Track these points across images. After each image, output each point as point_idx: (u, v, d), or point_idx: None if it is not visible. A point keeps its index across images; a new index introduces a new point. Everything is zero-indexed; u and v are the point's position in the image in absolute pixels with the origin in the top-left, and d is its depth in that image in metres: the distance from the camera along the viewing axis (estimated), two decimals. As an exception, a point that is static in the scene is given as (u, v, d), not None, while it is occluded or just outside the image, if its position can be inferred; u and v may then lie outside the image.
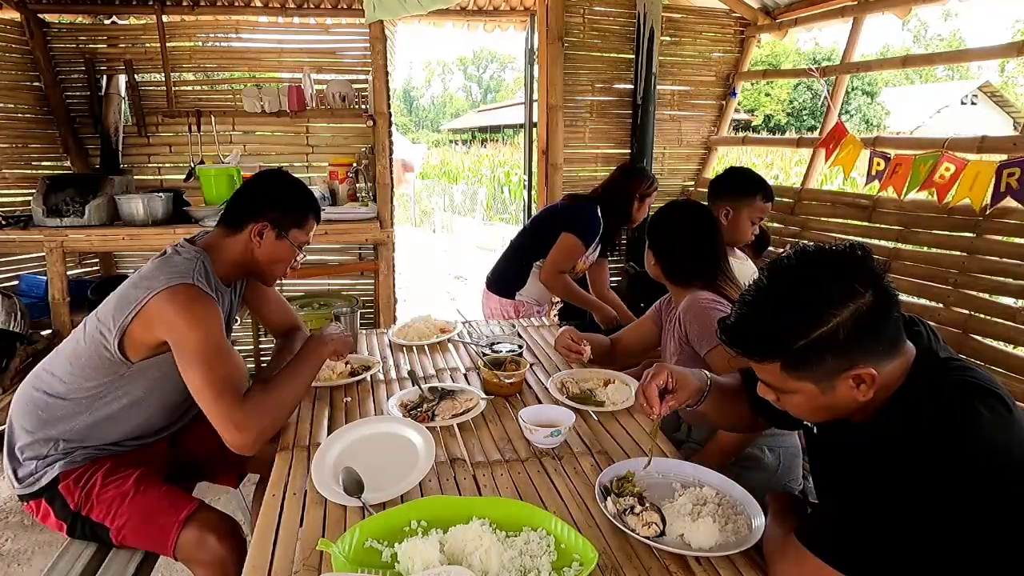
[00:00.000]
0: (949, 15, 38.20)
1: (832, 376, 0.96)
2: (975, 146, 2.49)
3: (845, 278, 0.94)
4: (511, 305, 2.96)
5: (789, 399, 1.03)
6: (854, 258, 0.96)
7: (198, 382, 1.39)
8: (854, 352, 0.94)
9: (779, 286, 0.99)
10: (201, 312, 1.40)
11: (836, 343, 0.93)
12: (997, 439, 0.90)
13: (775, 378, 1.01)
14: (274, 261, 1.61)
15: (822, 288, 0.94)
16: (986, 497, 0.88)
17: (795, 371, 0.97)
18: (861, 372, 0.95)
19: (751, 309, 1.01)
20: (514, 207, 11.87)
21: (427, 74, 54.29)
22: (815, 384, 0.98)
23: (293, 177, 1.70)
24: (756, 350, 1.01)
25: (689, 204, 2.00)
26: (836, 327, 0.92)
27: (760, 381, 1.07)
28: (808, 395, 0.99)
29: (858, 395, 0.97)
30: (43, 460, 1.47)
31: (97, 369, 1.46)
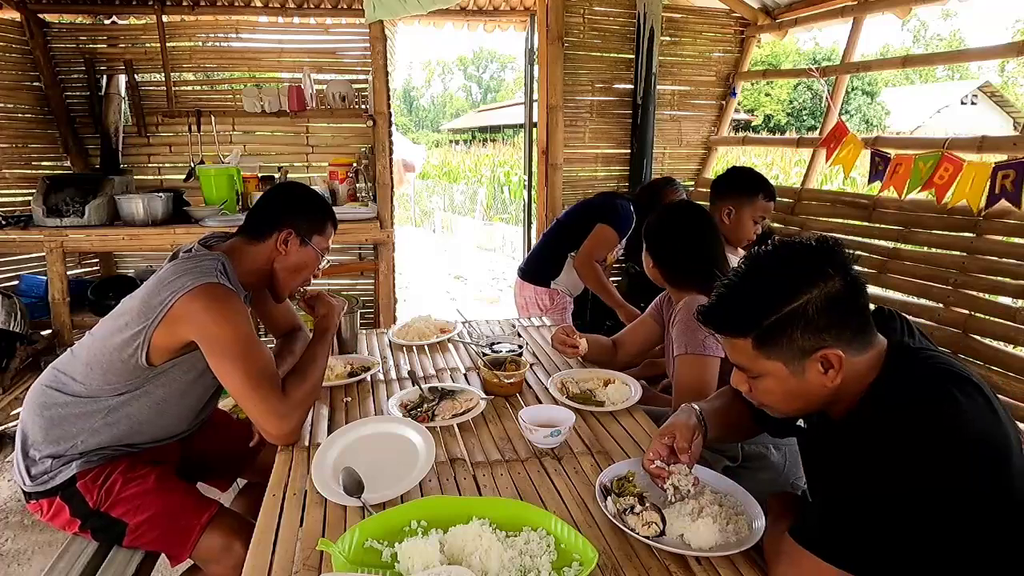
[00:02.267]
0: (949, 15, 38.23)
1: (801, 356, 1.00)
2: (975, 146, 2.49)
3: (816, 262, 1.00)
4: (545, 293, 3.02)
5: (761, 384, 1.06)
6: (825, 246, 1.02)
7: (237, 377, 1.40)
8: (822, 331, 0.99)
9: (753, 269, 1.06)
10: (230, 308, 1.41)
11: (805, 319, 0.98)
12: (974, 423, 0.92)
13: (747, 358, 1.05)
14: (299, 268, 1.64)
15: (793, 268, 1.01)
16: (966, 480, 0.90)
17: (766, 347, 1.02)
18: (828, 353, 0.98)
19: (728, 290, 1.07)
20: (514, 207, 11.87)
21: (427, 74, 54.30)
22: (785, 364, 1.02)
23: (310, 187, 1.78)
24: (729, 325, 1.06)
25: (687, 207, 2.00)
26: (805, 303, 0.98)
27: (734, 369, 1.11)
28: (779, 377, 1.03)
29: (826, 380, 1.00)
30: (59, 459, 1.48)
31: (119, 374, 1.46)
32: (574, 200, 3.86)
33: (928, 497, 0.90)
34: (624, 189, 3.97)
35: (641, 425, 1.58)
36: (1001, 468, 0.93)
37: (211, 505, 1.52)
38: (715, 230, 1.85)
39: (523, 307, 3.12)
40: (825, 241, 1.02)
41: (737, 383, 1.12)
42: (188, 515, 1.48)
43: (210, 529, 1.47)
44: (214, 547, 1.47)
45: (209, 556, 1.48)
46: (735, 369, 1.11)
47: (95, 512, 1.47)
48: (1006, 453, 0.93)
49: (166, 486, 1.52)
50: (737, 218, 2.40)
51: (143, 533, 1.47)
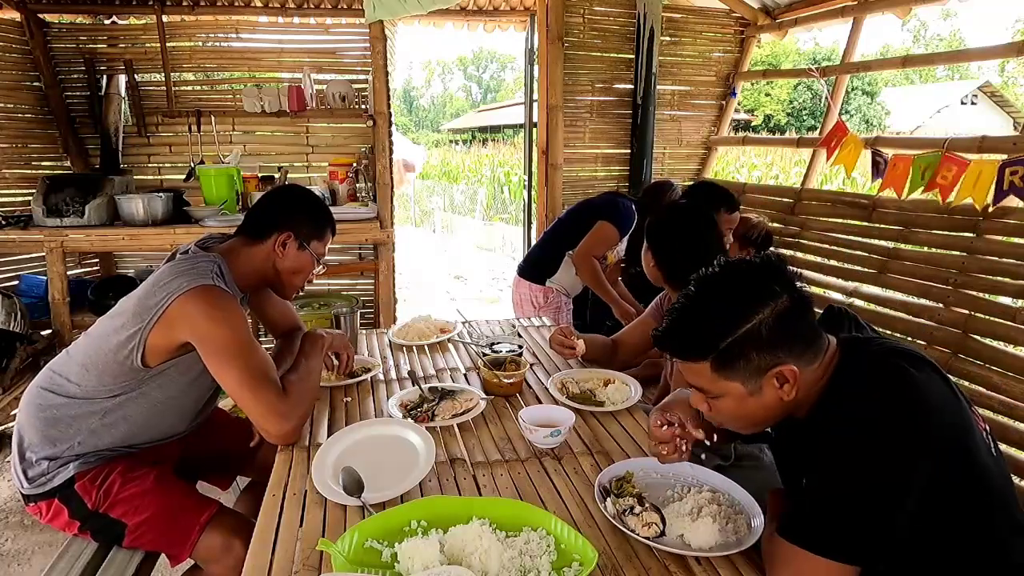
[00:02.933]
0: (949, 15, 38.23)
1: (758, 374, 1.02)
2: (975, 146, 2.49)
3: (763, 282, 1.03)
4: (540, 291, 3.03)
5: (720, 404, 1.08)
6: (770, 266, 1.05)
7: (235, 378, 1.40)
8: (776, 349, 1.01)
9: (704, 292, 1.08)
10: (226, 310, 1.41)
11: (760, 339, 1.01)
12: (932, 393, 0.97)
13: (706, 380, 1.06)
14: (295, 271, 1.65)
15: (743, 291, 1.04)
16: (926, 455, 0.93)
17: (723, 370, 1.03)
18: (783, 370, 1.01)
19: (680, 314, 1.09)
20: (514, 207, 11.87)
21: (427, 74, 54.29)
22: (743, 384, 1.04)
23: (311, 191, 1.79)
24: (687, 350, 1.07)
25: (690, 208, 2.00)
26: (759, 324, 1.00)
27: (693, 391, 1.12)
28: (736, 397, 1.05)
29: (782, 394, 1.03)
30: (56, 460, 1.47)
31: (115, 375, 1.46)
32: (574, 200, 3.85)
33: (889, 477, 0.93)
34: (624, 189, 3.97)
35: (641, 425, 1.58)
36: (959, 440, 0.97)
37: (211, 505, 1.52)
38: (716, 232, 1.85)
39: (518, 304, 3.13)
40: (769, 259, 1.06)
41: (696, 403, 1.13)
42: (187, 515, 1.48)
43: (210, 529, 1.47)
44: (214, 546, 1.47)
45: (209, 555, 1.48)
46: (692, 391, 1.13)
47: (94, 513, 1.47)
48: (964, 426, 0.99)
49: (165, 486, 1.52)
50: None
51: (143, 533, 1.47)
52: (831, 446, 0.97)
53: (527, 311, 3.05)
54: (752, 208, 3.43)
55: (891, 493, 0.93)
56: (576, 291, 3.13)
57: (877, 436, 0.93)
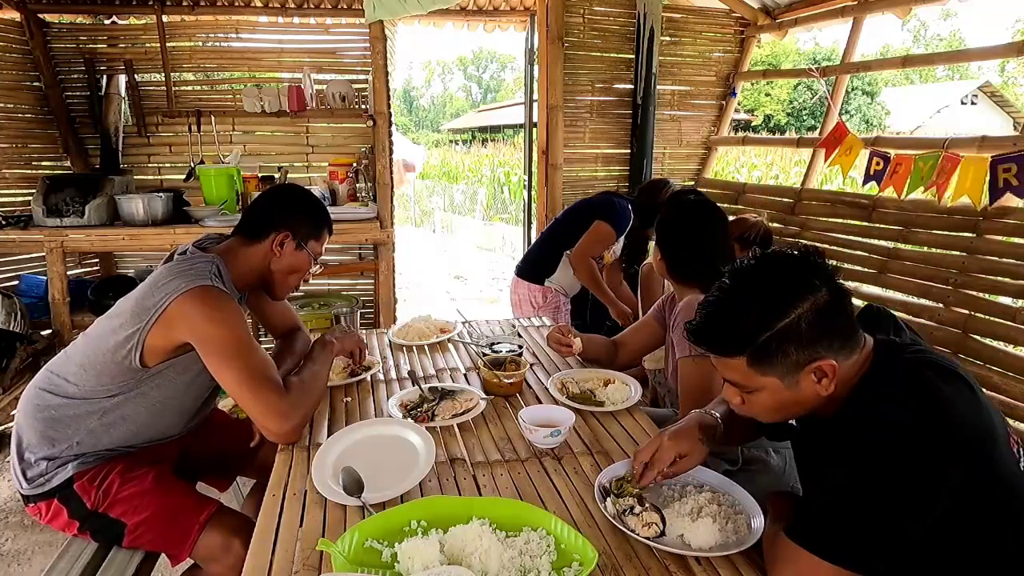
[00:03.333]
0: (949, 15, 38.23)
1: (796, 369, 1.00)
2: (975, 146, 2.49)
3: (802, 275, 1.01)
4: (539, 291, 3.04)
5: (755, 398, 1.06)
6: (808, 259, 1.03)
7: (235, 378, 1.40)
8: (815, 344, 0.99)
9: (741, 285, 1.05)
10: (224, 310, 1.41)
11: (799, 334, 0.98)
12: (958, 411, 0.94)
13: (741, 375, 1.04)
14: (292, 271, 1.65)
15: (782, 284, 1.01)
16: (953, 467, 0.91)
17: (760, 365, 1.01)
18: (822, 364, 0.99)
19: (716, 307, 1.06)
20: (514, 207, 11.87)
21: (427, 74, 54.29)
22: (780, 379, 1.02)
23: (308, 191, 1.78)
24: (723, 346, 1.05)
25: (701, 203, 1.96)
26: (797, 319, 0.98)
27: (726, 383, 1.11)
28: (773, 391, 1.03)
29: (820, 389, 1.01)
30: (55, 461, 1.47)
31: (113, 376, 1.46)
32: (574, 200, 3.86)
33: (917, 487, 0.91)
34: (624, 189, 3.97)
35: (641, 425, 1.58)
36: (987, 454, 0.94)
37: (210, 504, 1.52)
38: (726, 228, 1.84)
39: (516, 304, 3.13)
40: (807, 252, 1.04)
41: (729, 396, 1.11)
42: (187, 514, 1.48)
43: (209, 528, 1.47)
44: (214, 546, 1.47)
45: (209, 555, 1.48)
46: (725, 385, 1.11)
47: (94, 513, 1.47)
48: (991, 440, 0.95)
49: (164, 486, 1.52)
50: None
51: (142, 533, 1.47)
52: (860, 447, 0.95)
53: (526, 311, 3.05)
54: (752, 208, 3.43)
55: (912, 504, 0.91)
56: (574, 291, 3.13)
57: (911, 443, 0.91)
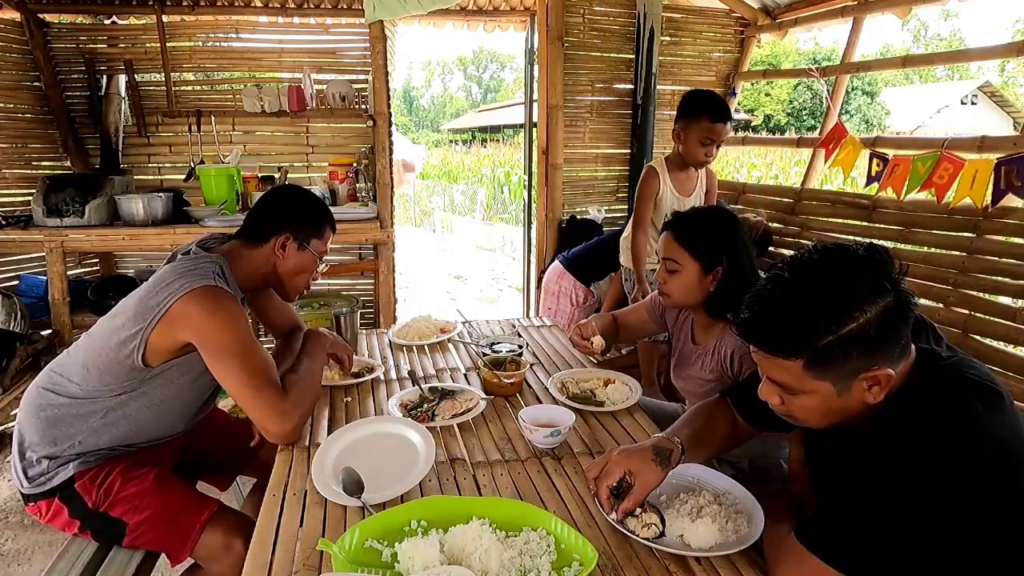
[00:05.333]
0: (949, 15, 38.23)
1: (851, 376, 0.93)
2: (975, 146, 2.49)
3: (872, 276, 0.92)
4: (583, 291, 3.09)
5: (798, 401, 0.99)
6: (878, 257, 0.95)
7: (236, 378, 1.40)
8: (876, 352, 0.92)
9: (803, 281, 0.95)
10: (227, 311, 1.41)
11: (863, 341, 0.91)
12: (993, 433, 0.90)
13: (793, 378, 0.96)
14: (297, 272, 1.65)
15: (850, 285, 0.92)
16: (982, 491, 0.88)
17: (817, 370, 0.94)
18: (878, 373, 0.92)
19: (774, 304, 0.97)
20: (514, 207, 11.87)
21: (427, 74, 54.30)
22: (833, 385, 0.94)
23: (308, 190, 1.78)
24: (780, 347, 0.95)
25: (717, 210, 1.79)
26: (864, 325, 0.90)
27: (766, 381, 1.02)
28: (823, 397, 0.96)
29: (869, 397, 0.95)
30: (56, 460, 1.48)
31: (116, 375, 1.47)
32: (574, 200, 3.87)
33: (935, 498, 0.88)
34: (624, 189, 3.98)
35: (641, 425, 1.58)
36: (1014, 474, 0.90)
37: (211, 503, 1.52)
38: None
39: (555, 294, 3.12)
40: (875, 250, 0.95)
41: (766, 395, 1.03)
42: (188, 514, 1.48)
43: (210, 527, 1.47)
44: (214, 545, 1.47)
45: (210, 554, 1.48)
46: (765, 383, 1.03)
47: (94, 512, 1.47)
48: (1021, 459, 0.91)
49: (165, 485, 1.52)
50: (686, 139, 2.52)
51: (143, 532, 1.47)
52: (875, 464, 0.92)
53: (563, 305, 3.05)
54: (751, 207, 3.43)
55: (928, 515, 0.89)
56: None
57: (934, 454, 0.88)
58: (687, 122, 2.51)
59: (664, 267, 1.67)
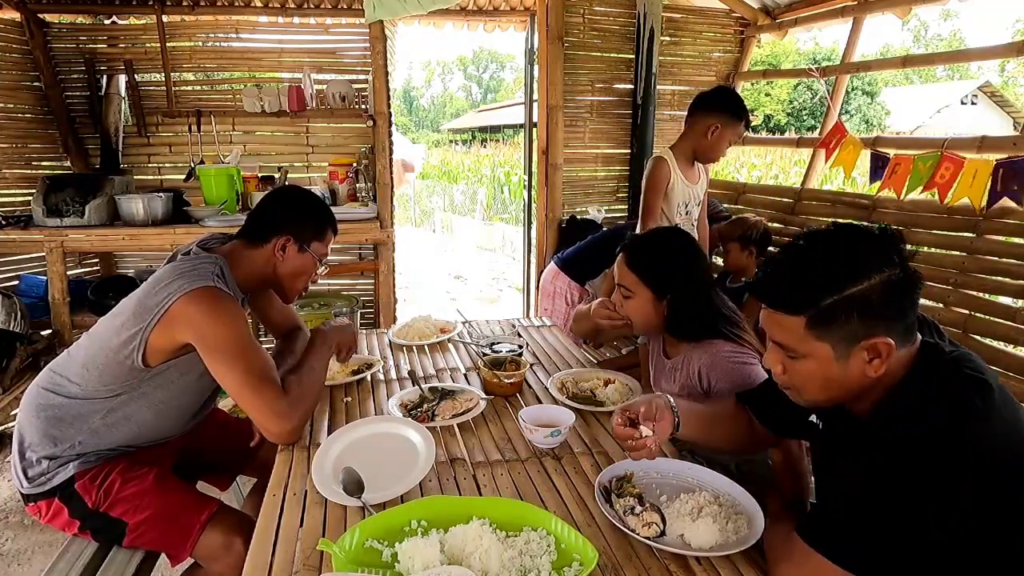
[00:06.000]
0: (949, 15, 38.24)
1: (852, 341, 0.97)
2: (975, 146, 2.49)
3: (882, 249, 0.97)
4: (577, 290, 3.06)
5: (799, 366, 1.02)
6: (889, 235, 0.99)
7: (236, 378, 1.40)
8: (879, 319, 0.95)
9: (815, 246, 1.01)
10: (226, 311, 1.41)
11: (866, 304, 0.95)
12: (994, 430, 0.91)
13: (795, 337, 1.00)
14: (297, 274, 1.65)
15: (858, 252, 0.97)
16: (984, 489, 0.88)
17: (819, 328, 0.97)
18: (879, 342, 0.95)
19: (786, 264, 1.03)
20: (514, 207, 11.88)
21: (427, 74, 54.32)
22: (833, 348, 0.98)
23: (310, 192, 1.77)
24: (787, 301, 1.01)
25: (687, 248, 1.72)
26: (868, 290, 0.94)
27: (771, 348, 1.06)
28: (822, 361, 0.99)
29: (869, 370, 0.97)
30: (56, 460, 1.48)
31: (115, 375, 1.47)
32: (574, 200, 3.87)
33: (945, 503, 0.88)
34: (624, 189, 3.98)
35: (641, 425, 1.58)
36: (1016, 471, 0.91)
37: (211, 503, 1.53)
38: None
39: (550, 295, 3.12)
40: (887, 230, 1.00)
41: (771, 363, 1.07)
42: (188, 514, 1.48)
43: (210, 527, 1.48)
44: (215, 545, 1.47)
45: (210, 554, 1.48)
46: (769, 348, 1.07)
47: (94, 512, 1.47)
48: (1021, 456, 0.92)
49: (165, 485, 1.52)
50: (719, 136, 2.52)
51: (143, 532, 1.47)
52: (878, 460, 0.93)
53: (558, 305, 3.05)
54: (751, 207, 3.43)
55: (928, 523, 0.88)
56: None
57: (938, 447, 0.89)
58: (728, 121, 2.51)
59: (619, 293, 1.69)
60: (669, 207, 2.66)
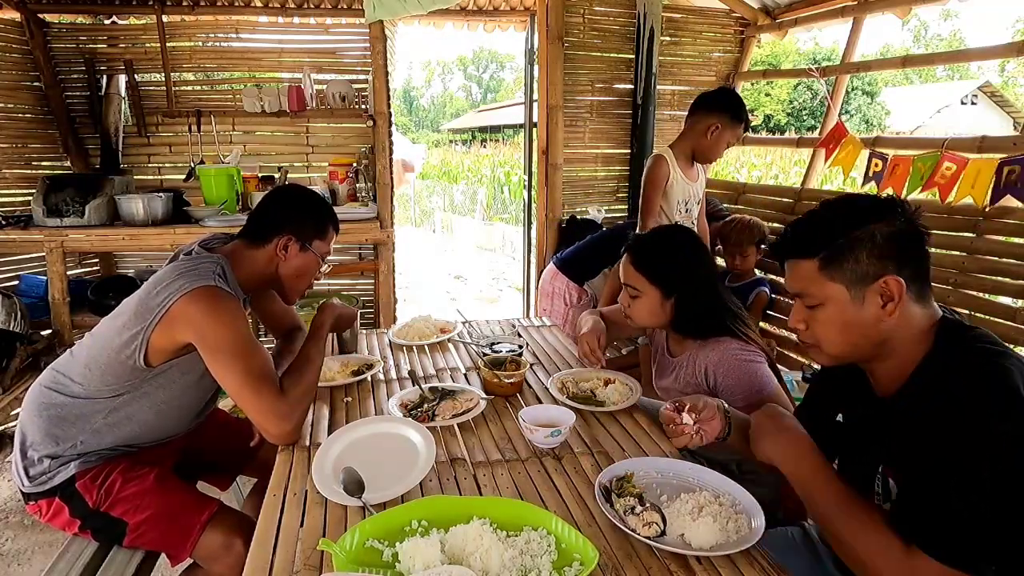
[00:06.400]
0: (949, 15, 38.25)
1: (864, 281, 1.03)
2: (975, 146, 2.49)
3: (883, 204, 1.07)
4: (576, 290, 3.06)
5: (820, 315, 1.08)
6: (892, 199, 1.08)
7: (236, 379, 1.40)
8: (886, 260, 1.02)
9: (823, 205, 1.12)
10: (227, 311, 1.41)
11: (872, 243, 1.03)
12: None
13: (811, 281, 1.07)
14: (300, 273, 1.65)
15: (861, 203, 1.08)
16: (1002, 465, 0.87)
17: (830, 268, 1.05)
18: (890, 280, 1.01)
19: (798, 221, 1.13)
20: (514, 207, 11.88)
21: (427, 74, 54.33)
22: (847, 289, 1.04)
23: (311, 190, 1.77)
24: (798, 247, 1.10)
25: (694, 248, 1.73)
26: (873, 231, 1.03)
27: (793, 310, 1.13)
28: (839, 304, 1.05)
29: (884, 315, 1.02)
30: (57, 459, 1.48)
31: (117, 375, 1.47)
32: (574, 200, 3.87)
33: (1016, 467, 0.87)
34: (624, 189, 3.98)
35: (641, 425, 1.58)
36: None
37: (211, 503, 1.53)
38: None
39: (549, 295, 3.13)
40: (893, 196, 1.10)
41: (795, 322, 1.14)
42: (188, 514, 1.48)
43: (210, 527, 1.48)
44: (215, 545, 1.47)
45: (210, 554, 1.48)
46: (793, 310, 1.14)
47: (95, 512, 1.47)
48: None
49: (166, 485, 1.52)
50: (719, 137, 2.55)
51: (143, 532, 1.48)
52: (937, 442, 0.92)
53: (557, 306, 3.05)
54: (751, 207, 3.43)
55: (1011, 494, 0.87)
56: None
57: (1009, 417, 0.88)
58: (728, 122, 2.54)
59: (626, 292, 1.70)
60: (668, 205, 2.67)
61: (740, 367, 1.56)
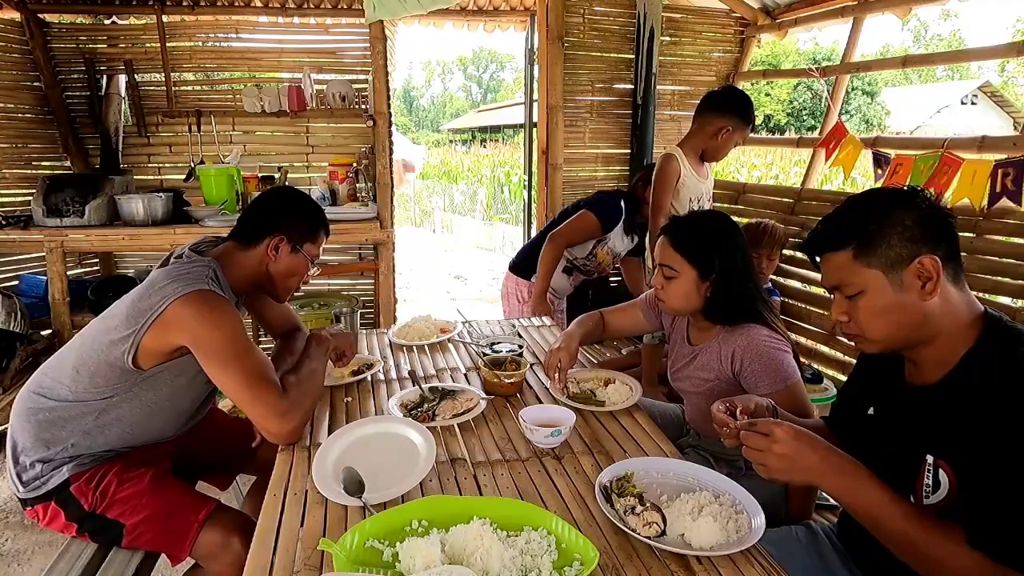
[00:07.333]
0: (949, 15, 38.25)
1: (899, 264, 1.04)
2: (975, 146, 2.49)
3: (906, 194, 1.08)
4: (526, 286, 3.03)
5: (861, 304, 1.08)
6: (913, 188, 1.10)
7: (234, 380, 1.40)
8: (918, 241, 1.03)
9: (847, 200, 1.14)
10: (221, 314, 1.41)
11: (903, 227, 1.04)
12: None
13: (847, 271, 1.08)
14: (289, 275, 1.64)
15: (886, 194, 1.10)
16: None
17: (865, 255, 1.06)
18: (924, 259, 1.02)
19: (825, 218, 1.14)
20: (514, 207, 11.87)
21: (427, 74, 54.31)
22: (884, 273, 1.05)
23: (303, 193, 1.76)
24: (830, 240, 1.11)
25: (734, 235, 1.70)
26: (902, 217, 1.05)
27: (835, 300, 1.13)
28: (878, 291, 1.06)
29: (924, 295, 1.03)
30: (49, 463, 1.47)
31: (106, 377, 1.46)
32: (574, 200, 3.86)
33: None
34: (624, 189, 3.97)
35: (641, 425, 1.58)
36: None
37: (208, 502, 1.52)
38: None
39: (504, 297, 3.17)
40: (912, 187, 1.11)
41: (836, 314, 1.14)
42: (185, 513, 1.48)
43: (208, 526, 1.47)
44: (213, 544, 1.47)
45: (209, 553, 1.48)
46: (833, 303, 1.14)
47: (91, 514, 1.47)
48: None
49: (161, 485, 1.52)
50: (728, 139, 2.56)
51: (141, 533, 1.47)
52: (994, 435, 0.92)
53: (512, 305, 3.07)
54: (751, 207, 3.43)
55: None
56: (566, 291, 3.14)
57: None
58: (739, 123, 2.55)
59: (660, 273, 1.67)
60: (680, 203, 2.67)
61: (768, 354, 1.55)
